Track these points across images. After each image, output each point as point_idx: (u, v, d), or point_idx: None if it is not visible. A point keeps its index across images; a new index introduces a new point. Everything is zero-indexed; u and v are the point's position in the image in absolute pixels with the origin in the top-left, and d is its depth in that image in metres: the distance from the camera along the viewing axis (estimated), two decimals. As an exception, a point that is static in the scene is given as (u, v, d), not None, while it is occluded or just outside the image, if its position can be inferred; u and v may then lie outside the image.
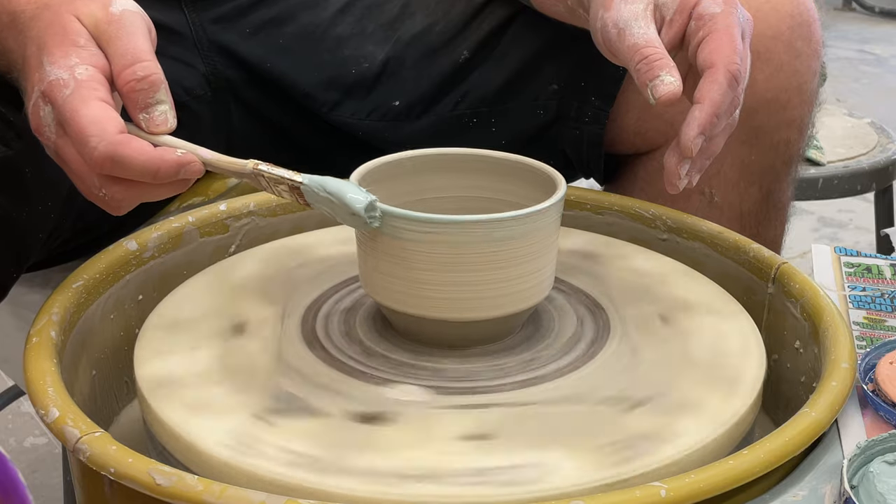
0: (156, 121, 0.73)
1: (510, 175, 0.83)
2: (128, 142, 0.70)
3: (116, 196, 0.72)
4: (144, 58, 0.72)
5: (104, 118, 0.70)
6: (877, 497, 0.66)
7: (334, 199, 0.72)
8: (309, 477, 0.65)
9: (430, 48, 1.09)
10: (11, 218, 0.82)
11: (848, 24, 4.43)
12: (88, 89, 0.71)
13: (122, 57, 0.72)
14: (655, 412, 0.72)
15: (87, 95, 0.71)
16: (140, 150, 0.70)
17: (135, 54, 0.72)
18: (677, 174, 0.80)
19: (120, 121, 0.71)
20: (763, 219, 1.06)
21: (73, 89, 0.71)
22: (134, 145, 0.70)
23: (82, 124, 0.70)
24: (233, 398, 0.73)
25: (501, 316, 0.77)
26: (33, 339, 0.77)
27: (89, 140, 0.70)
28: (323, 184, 0.73)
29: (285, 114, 1.11)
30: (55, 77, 0.71)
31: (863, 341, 0.85)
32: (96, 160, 0.70)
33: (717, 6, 0.80)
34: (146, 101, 0.72)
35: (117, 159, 0.69)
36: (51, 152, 0.75)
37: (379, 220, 0.73)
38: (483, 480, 0.66)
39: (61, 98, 0.71)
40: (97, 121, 0.70)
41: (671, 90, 0.77)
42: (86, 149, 0.70)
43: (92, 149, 0.70)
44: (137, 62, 0.72)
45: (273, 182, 0.74)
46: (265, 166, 0.73)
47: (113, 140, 0.69)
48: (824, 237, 2.52)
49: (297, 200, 0.74)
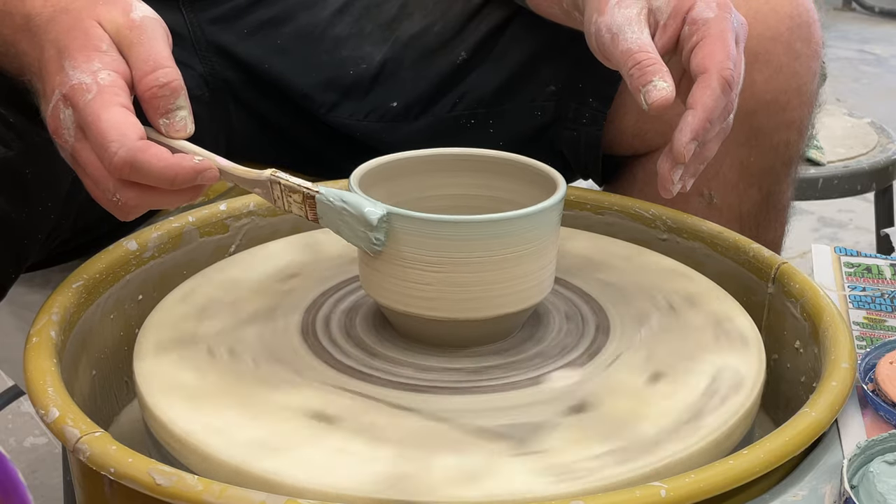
0: (176, 126, 0.74)
1: (510, 175, 0.84)
2: (147, 148, 0.70)
3: (130, 202, 0.73)
4: (166, 64, 0.73)
5: (125, 123, 0.71)
6: (877, 497, 0.66)
7: (349, 209, 0.72)
8: (308, 477, 0.65)
9: (428, 49, 1.09)
10: (10, 218, 0.82)
11: (848, 24, 4.43)
12: (111, 94, 0.71)
13: (145, 63, 0.73)
14: (655, 412, 0.72)
15: (109, 100, 0.71)
16: (159, 156, 0.71)
17: (157, 60, 0.73)
18: (670, 179, 0.80)
19: (140, 127, 0.72)
20: (763, 220, 1.06)
21: (95, 94, 0.71)
22: (153, 151, 0.71)
23: (103, 129, 0.70)
24: (233, 398, 0.73)
25: (501, 316, 0.77)
26: (33, 339, 0.77)
27: (110, 145, 0.70)
28: (340, 194, 0.73)
29: (284, 114, 1.11)
30: (77, 81, 0.72)
31: (863, 341, 0.85)
32: (116, 165, 0.70)
33: (711, 11, 0.80)
34: (167, 106, 0.73)
35: (136, 164, 0.70)
36: (66, 155, 0.75)
37: (383, 244, 0.73)
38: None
39: (83, 102, 0.71)
40: (118, 126, 0.71)
41: (664, 96, 0.78)
42: (106, 153, 0.71)
43: (112, 153, 0.70)
44: (159, 68, 0.73)
45: (287, 191, 0.74)
46: (283, 175, 0.74)
47: (133, 146, 0.70)
48: (824, 237, 2.52)
49: (306, 215, 0.74)
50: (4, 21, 0.77)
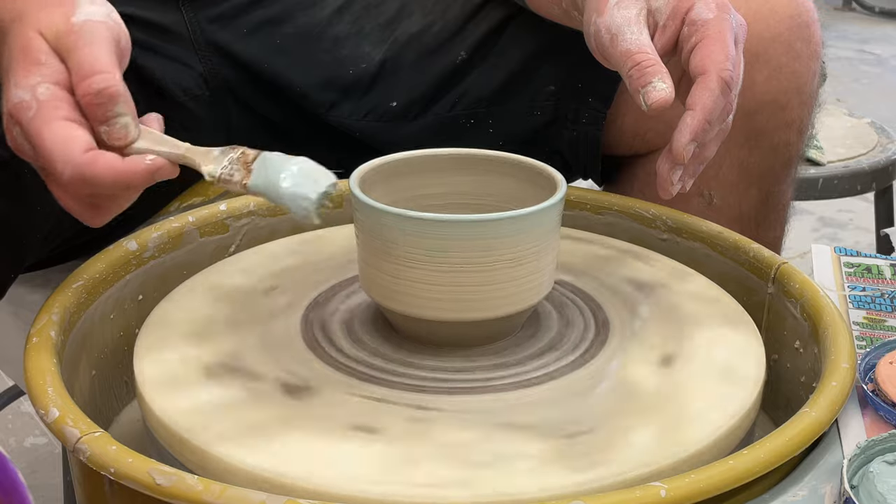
0: (116, 134, 0.71)
1: (510, 175, 0.84)
2: (94, 160, 0.68)
3: (87, 214, 0.72)
4: (102, 69, 0.70)
5: (68, 138, 0.68)
6: (877, 497, 0.66)
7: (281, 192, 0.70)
8: (308, 477, 0.65)
9: (428, 49, 1.09)
10: (9, 219, 0.82)
11: (848, 24, 4.43)
12: (50, 109, 0.69)
13: (80, 68, 0.70)
14: (655, 412, 0.72)
15: (49, 116, 0.69)
16: (109, 165, 0.68)
17: (92, 66, 0.70)
18: (669, 180, 0.80)
19: (86, 138, 0.69)
20: (762, 220, 1.06)
21: (35, 110, 0.69)
22: (101, 163, 0.68)
23: (47, 147, 0.68)
24: (233, 398, 0.73)
25: (501, 316, 0.77)
26: (33, 339, 0.77)
27: (56, 164, 0.68)
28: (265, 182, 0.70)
29: (283, 114, 1.11)
30: (19, 99, 0.69)
31: (863, 341, 0.85)
32: (67, 183, 0.69)
33: (710, 12, 0.80)
34: (105, 114, 0.70)
35: (87, 179, 0.68)
36: (37, 168, 0.74)
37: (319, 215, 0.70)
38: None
39: (26, 120, 0.69)
40: (62, 142, 0.68)
41: (663, 97, 0.78)
42: (54, 173, 0.69)
43: (60, 173, 0.68)
44: (94, 74, 0.69)
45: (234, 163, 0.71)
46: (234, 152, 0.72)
47: (79, 161, 0.68)
48: (824, 237, 2.52)
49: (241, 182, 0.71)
50: None
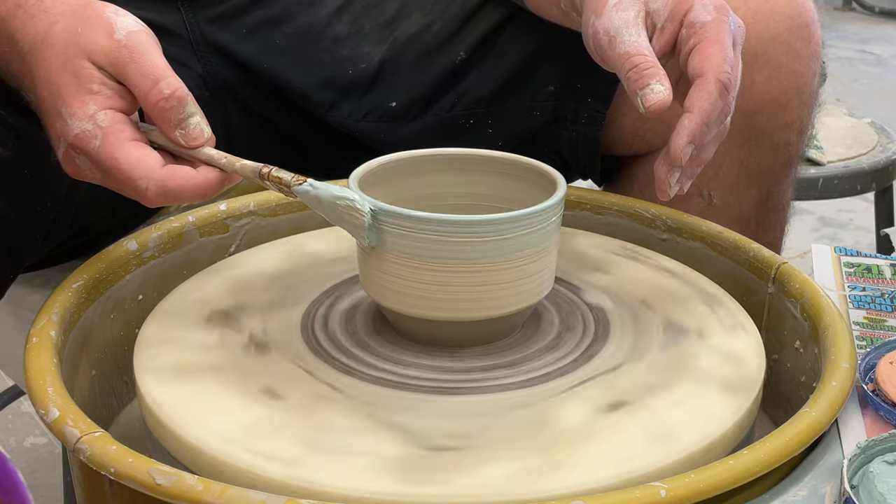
0: (192, 134, 0.74)
1: (510, 175, 0.84)
2: (173, 173, 0.72)
3: None
4: (165, 74, 0.73)
5: (143, 157, 0.72)
6: (877, 497, 0.66)
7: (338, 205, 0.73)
8: (310, 476, 0.65)
9: (427, 49, 1.09)
10: (9, 219, 0.82)
11: (848, 24, 4.43)
12: (116, 133, 0.72)
13: (144, 79, 0.73)
14: (655, 412, 0.72)
15: (118, 140, 0.72)
16: (187, 177, 0.72)
17: (155, 74, 0.73)
18: (667, 182, 0.80)
19: (157, 154, 0.73)
20: (762, 221, 1.06)
21: (101, 138, 0.72)
22: (180, 175, 0.72)
23: (124, 169, 0.72)
24: (233, 398, 0.73)
25: (501, 316, 0.77)
26: (33, 339, 0.77)
27: (138, 183, 0.72)
28: (317, 195, 0.73)
29: (283, 114, 1.11)
30: (80, 130, 0.72)
31: (863, 341, 0.85)
32: (151, 199, 0.72)
33: (709, 14, 0.80)
34: (178, 117, 0.74)
35: (170, 192, 0.72)
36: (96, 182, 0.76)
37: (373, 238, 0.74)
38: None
39: (93, 149, 0.72)
40: (138, 162, 0.72)
41: (661, 99, 0.78)
42: (136, 191, 0.72)
43: (144, 190, 0.72)
44: (159, 80, 0.73)
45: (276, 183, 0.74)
46: (275, 171, 0.74)
47: (160, 177, 0.72)
48: (824, 237, 2.52)
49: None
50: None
